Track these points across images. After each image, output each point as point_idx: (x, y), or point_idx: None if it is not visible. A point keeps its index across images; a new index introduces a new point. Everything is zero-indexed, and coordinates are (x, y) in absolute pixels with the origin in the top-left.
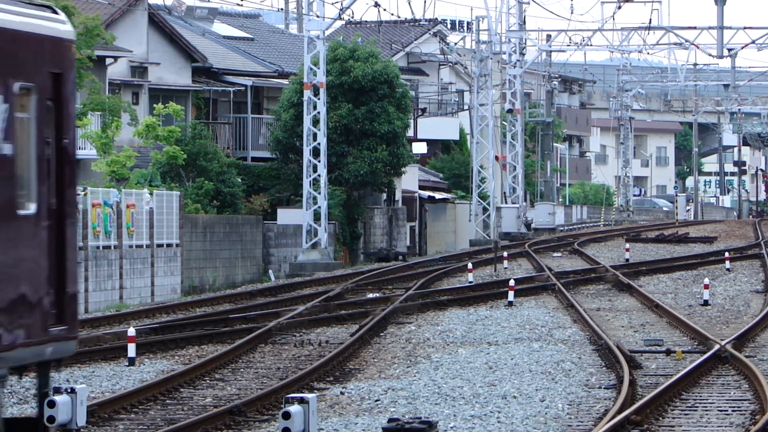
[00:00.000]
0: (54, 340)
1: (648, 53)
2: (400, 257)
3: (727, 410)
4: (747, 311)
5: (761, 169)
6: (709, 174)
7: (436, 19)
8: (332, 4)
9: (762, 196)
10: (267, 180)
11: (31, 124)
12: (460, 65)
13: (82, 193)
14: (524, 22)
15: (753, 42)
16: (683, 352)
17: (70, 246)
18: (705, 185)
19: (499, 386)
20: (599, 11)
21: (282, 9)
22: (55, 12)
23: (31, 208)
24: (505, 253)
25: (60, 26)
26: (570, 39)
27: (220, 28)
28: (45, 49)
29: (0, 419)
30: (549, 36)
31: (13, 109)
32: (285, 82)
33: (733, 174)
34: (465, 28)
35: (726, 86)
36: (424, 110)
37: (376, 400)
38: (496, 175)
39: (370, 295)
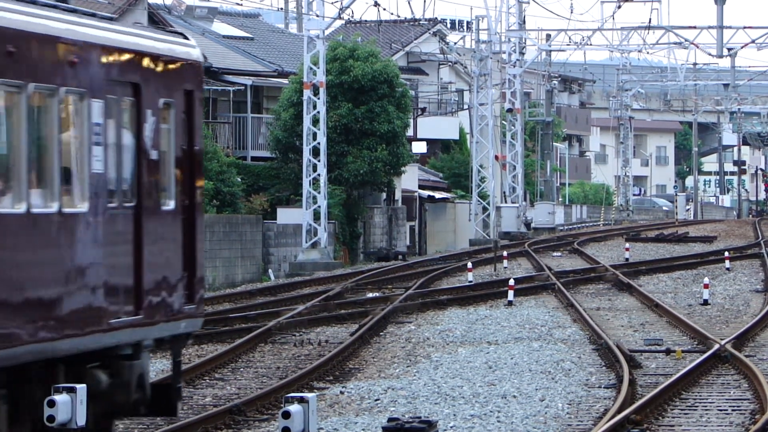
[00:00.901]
0: (187, 317)
1: (648, 53)
2: (400, 257)
3: (726, 410)
4: (747, 311)
5: (761, 169)
6: (709, 173)
7: (436, 18)
8: (332, 3)
9: (762, 196)
10: (267, 179)
11: (171, 134)
12: (460, 65)
13: None
14: (524, 22)
15: (753, 41)
16: (683, 351)
17: (198, 237)
18: (705, 185)
19: (499, 386)
20: (599, 11)
21: (282, 8)
22: (186, 38)
23: (171, 205)
24: (505, 253)
25: (191, 50)
26: (570, 38)
27: (220, 27)
28: (181, 70)
29: (148, 383)
30: (549, 35)
31: (159, 121)
32: (285, 81)
33: (732, 173)
34: (465, 27)
35: (726, 86)
36: (423, 110)
37: (376, 400)
38: (495, 174)
39: (370, 295)
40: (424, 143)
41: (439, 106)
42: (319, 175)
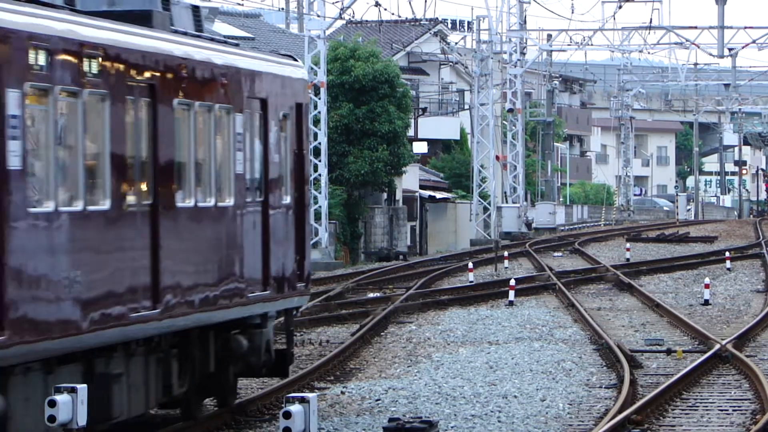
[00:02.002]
0: (298, 294)
1: (649, 53)
2: (401, 257)
3: (727, 410)
4: (747, 311)
5: (762, 169)
6: (710, 174)
7: (437, 18)
8: (333, 3)
9: (762, 196)
10: None
11: (287, 141)
12: (461, 65)
13: None
14: (525, 22)
15: (753, 42)
16: (684, 351)
17: (306, 226)
18: (706, 185)
19: (500, 386)
20: (600, 11)
21: (283, 8)
22: (295, 59)
23: (287, 200)
24: (506, 253)
25: (300, 71)
26: (571, 38)
27: (221, 27)
28: (293, 86)
29: (273, 350)
30: (550, 35)
31: (279, 130)
32: None
33: (733, 174)
34: (465, 27)
35: (726, 86)
36: (424, 110)
37: (377, 400)
38: (496, 174)
39: (371, 295)
40: (425, 143)
41: (440, 106)
42: (320, 175)
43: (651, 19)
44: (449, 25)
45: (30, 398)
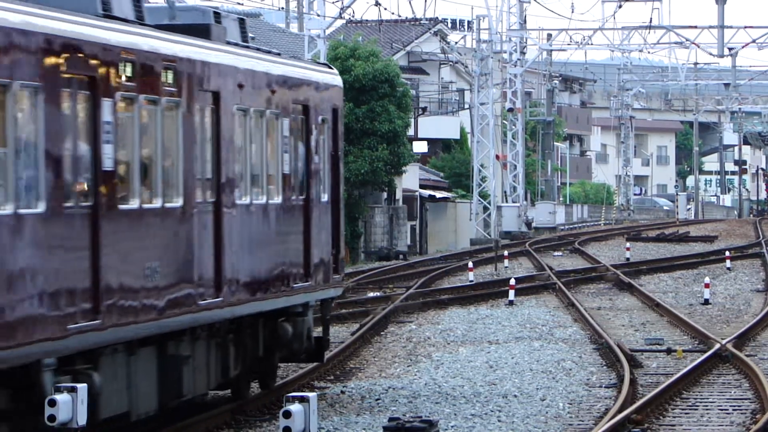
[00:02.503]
0: (334, 285)
1: (649, 52)
2: (401, 256)
3: (727, 409)
4: (748, 310)
5: (762, 168)
6: (710, 173)
7: (437, 18)
8: (333, 3)
9: (762, 195)
10: None
11: (325, 143)
12: (461, 64)
13: None
14: (525, 21)
15: (753, 41)
16: (684, 351)
17: (341, 223)
18: (705, 184)
19: (500, 385)
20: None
21: (283, 8)
22: (330, 67)
23: (325, 198)
24: (506, 252)
25: (336, 78)
26: (571, 38)
27: None
28: (330, 93)
29: (312, 336)
30: (550, 35)
31: (318, 133)
32: None
33: (733, 173)
34: (465, 27)
35: (726, 85)
36: (424, 109)
37: (377, 399)
38: (496, 174)
39: (371, 294)
40: (425, 143)
41: (440, 106)
42: None
43: (651, 18)
44: (449, 25)
45: (117, 377)
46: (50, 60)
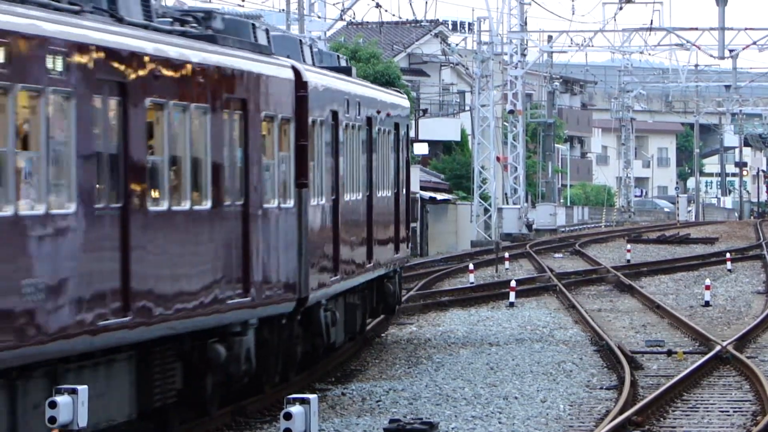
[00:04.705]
0: (406, 254)
1: (649, 54)
2: None
3: (728, 411)
4: (748, 312)
5: (762, 170)
6: (711, 175)
7: (438, 20)
8: (333, 4)
9: (763, 197)
10: None
11: (402, 150)
12: (462, 66)
13: None
14: (525, 23)
15: (754, 43)
16: (684, 352)
17: (407, 210)
18: (706, 186)
19: (501, 387)
20: (600, 12)
21: (283, 10)
22: (400, 91)
23: (404, 190)
24: (507, 254)
25: (404, 100)
26: (571, 40)
27: None
28: (402, 110)
29: (396, 294)
30: (550, 37)
31: (399, 141)
32: None
33: (734, 175)
34: (466, 28)
35: (727, 87)
36: (425, 111)
37: (378, 401)
38: (497, 175)
39: None
40: (426, 144)
41: (441, 108)
42: None
43: (651, 20)
44: (450, 27)
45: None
46: (82, 64)
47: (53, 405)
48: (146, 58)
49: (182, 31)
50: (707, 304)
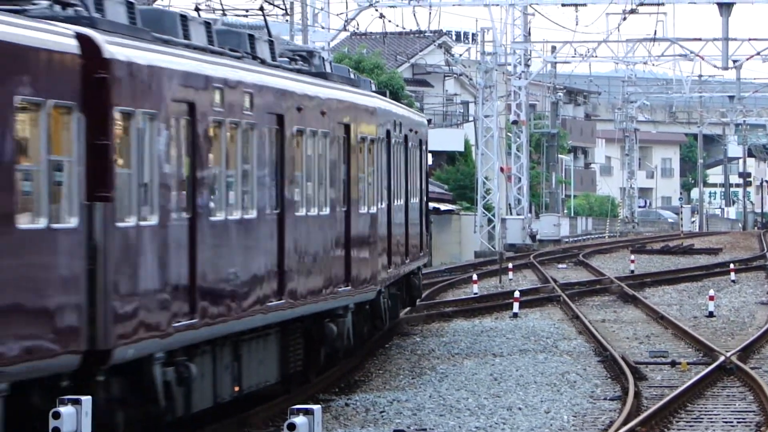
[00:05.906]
0: (422, 259)
1: (653, 65)
2: None
3: (732, 422)
4: (752, 323)
5: (766, 181)
6: (714, 185)
7: (441, 30)
8: (337, 15)
9: (767, 208)
10: None
11: (423, 159)
12: (465, 76)
13: None
14: (529, 34)
15: (758, 53)
16: (688, 363)
17: (427, 215)
18: (710, 197)
19: (504, 398)
20: (604, 23)
21: (287, 20)
22: (421, 114)
23: (425, 198)
24: (510, 265)
25: (423, 119)
26: (575, 50)
27: None
28: (421, 127)
29: (420, 287)
30: (554, 47)
31: (420, 153)
32: None
33: (738, 185)
34: (470, 39)
35: (731, 98)
36: (429, 121)
37: (381, 412)
38: (501, 186)
39: None
40: (429, 155)
41: (445, 118)
42: None
43: (655, 31)
44: (453, 37)
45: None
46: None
47: (57, 416)
48: (296, 95)
49: (298, 69)
50: (711, 314)
